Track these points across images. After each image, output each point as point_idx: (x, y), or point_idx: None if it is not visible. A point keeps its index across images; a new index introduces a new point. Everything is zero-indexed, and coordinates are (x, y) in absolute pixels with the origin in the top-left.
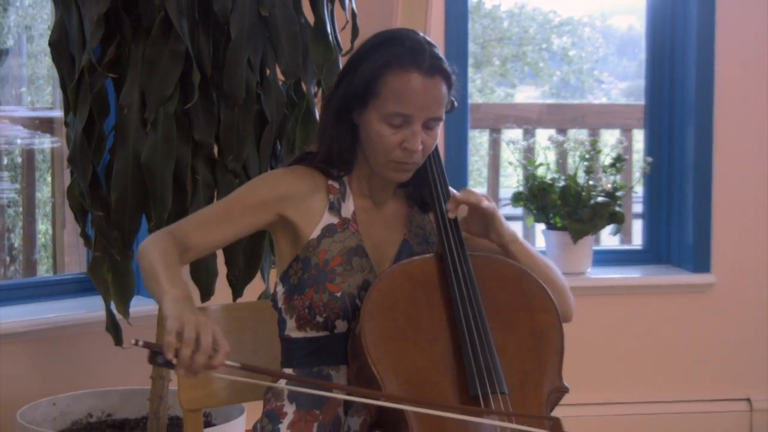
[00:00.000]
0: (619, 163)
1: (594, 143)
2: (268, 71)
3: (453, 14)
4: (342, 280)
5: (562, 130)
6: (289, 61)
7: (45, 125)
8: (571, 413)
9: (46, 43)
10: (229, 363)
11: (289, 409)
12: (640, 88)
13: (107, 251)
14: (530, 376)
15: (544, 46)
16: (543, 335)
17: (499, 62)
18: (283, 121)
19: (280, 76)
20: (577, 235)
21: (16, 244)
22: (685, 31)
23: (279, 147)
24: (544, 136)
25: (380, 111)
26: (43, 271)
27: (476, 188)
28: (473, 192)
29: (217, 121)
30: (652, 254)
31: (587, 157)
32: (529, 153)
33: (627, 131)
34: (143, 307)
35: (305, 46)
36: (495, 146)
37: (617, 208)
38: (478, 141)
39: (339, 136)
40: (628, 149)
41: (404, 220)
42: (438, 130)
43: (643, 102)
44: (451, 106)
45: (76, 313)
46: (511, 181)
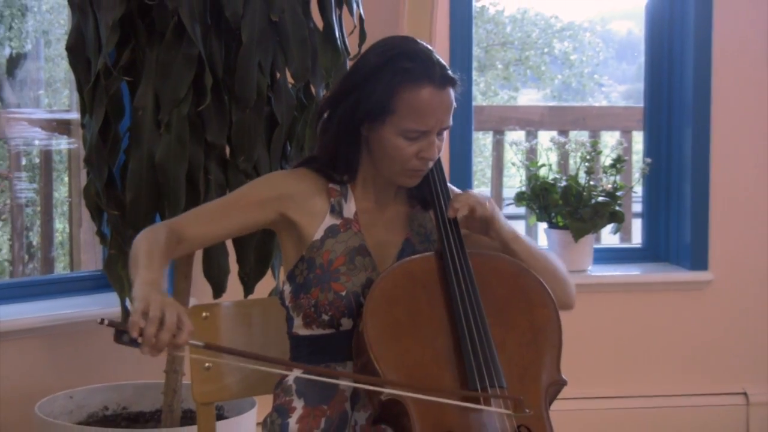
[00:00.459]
0: (619, 163)
1: (594, 144)
2: (279, 74)
3: (457, 19)
4: (346, 279)
5: (563, 132)
6: (299, 65)
7: (62, 127)
8: (571, 407)
9: (63, 47)
10: (193, 342)
11: (298, 404)
12: (639, 91)
13: (122, 249)
14: (529, 369)
15: (546, 50)
16: (541, 330)
17: (502, 66)
18: (292, 122)
19: (290, 80)
20: (578, 234)
21: (34, 242)
22: (682, 35)
23: (289, 148)
24: (546, 138)
25: (397, 126)
26: (60, 269)
27: (480, 188)
28: (471, 196)
29: (229, 123)
30: (651, 252)
31: (588, 158)
32: (532, 154)
33: (626, 133)
34: None
35: (314, 50)
36: (498, 147)
37: (617, 208)
38: (482, 142)
39: (346, 147)
40: (628, 150)
41: (406, 220)
42: (445, 135)
43: (642, 104)
44: None
45: (92, 309)
46: (514, 182)
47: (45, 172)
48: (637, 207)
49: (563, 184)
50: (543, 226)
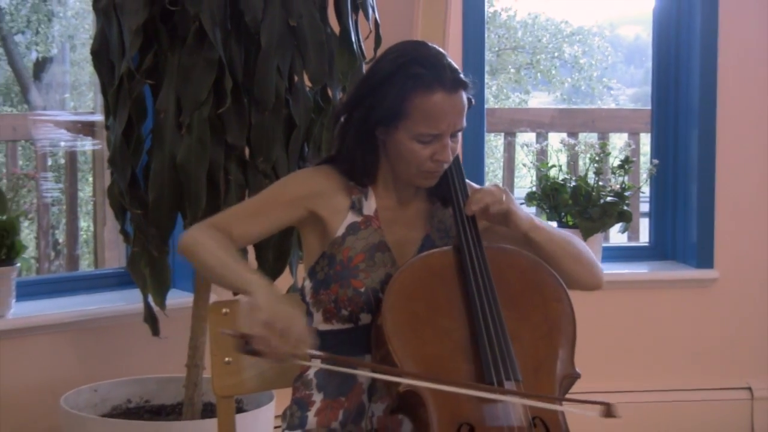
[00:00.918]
0: (627, 164)
1: (603, 146)
2: (296, 78)
3: (470, 24)
4: (365, 276)
5: (573, 134)
6: (316, 69)
7: (87, 129)
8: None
9: (88, 51)
10: (313, 353)
11: (317, 398)
12: (646, 94)
13: (145, 247)
14: (543, 362)
15: (556, 54)
16: (555, 323)
17: (513, 70)
18: (310, 124)
19: (308, 83)
20: (588, 233)
21: (60, 240)
22: (689, 40)
23: (306, 149)
24: (556, 140)
25: (410, 131)
26: (85, 266)
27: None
28: (486, 194)
29: (248, 125)
30: (658, 251)
31: (597, 159)
32: (542, 155)
33: (634, 135)
34: (179, 299)
35: (331, 54)
36: (510, 149)
37: (625, 207)
38: (494, 144)
39: (363, 152)
40: (636, 152)
41: (426, 217)
42: (460, 136)
43: (649, 107)
44: (469, 104)
45: (115, 306)
46: (525, 182)
47: (70, 172)
48: (645, 207)
49: (573, 184)
50: (553, 224)
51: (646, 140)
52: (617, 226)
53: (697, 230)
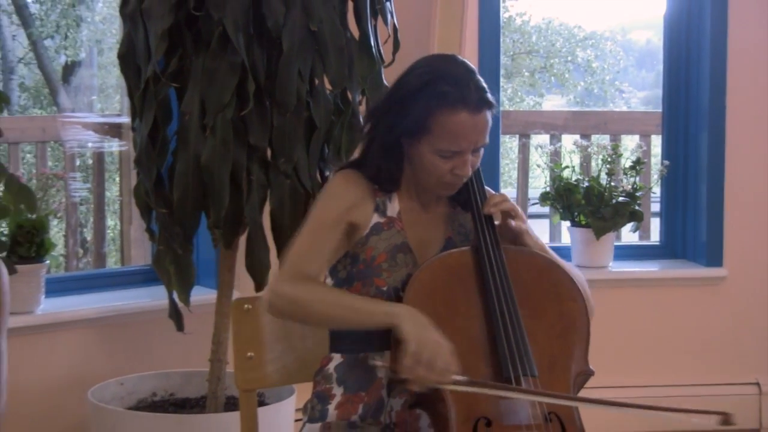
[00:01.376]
0: (639, 165)
1: (615, 148)
2: (317, 81)
3: (486, 29)
4: (388, 275)
5: (585, 136)
6: (336, 72)
7: (114, 130)
8: (593, 395)
9: (115, 55)
10: (458, 378)
11: (338, 392)
12: (657, 97)
13: (170, 245)
14: (558, 359)
15: (570, 58)
16: (570, 321)
17: (528, 73)
18: (330, 126)
19: (328, 86)
20: (600, 232)
21: (88, 239)
22: (699, 44)
23: (327, 150)
24: (569, 141)
25: (432, 146)
26: (112, 263)
27: (507, 189)
28: (507, 200)
29: (270, 127)
30: (669, 249)
31: (609, 160)
32: (556, 156)
33: (646, 137)
34: (203, 296)
35: (351, 58)
36: (524, 150)
37: (637, 207)
38: (509, 146)
39: (388, 161)
40: (647, 153)
41: (448, 220)
42: (482, 151)
43: (660, 110)
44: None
45: (141, 302)
46: (539, 182)
47: (98, 172)
48: (656, 206)
49: (585, 184)
50: (566, 224)
51: (657, 142)
52: (629, 226)
53: (707, 229)
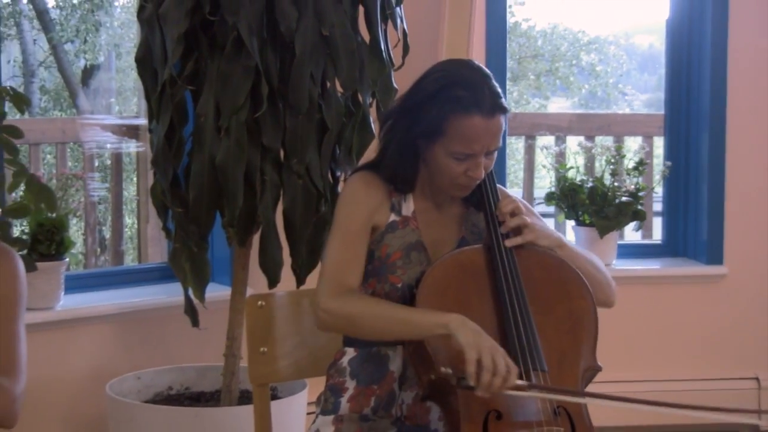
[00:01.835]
0: (641, 166)
1: (619, 149)
2: (329, 84)
3: (493, 34)
4: (402, 272)
5: (590, 137)
6: (347, 75)
7: (131, 131)
8: (597, 390)
9: (133, 59)
10: (520, 382)
11: (350, 385)
12: (659, 99)
13: (186, 243)
14: (567, 355)
15: (574, 62)
16: (579, 319)
17: (533, 76)
18: (341, 128)
19: (339, 89)
20: (603, 231)
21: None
22: (700, 48)
23: (338, 151)
24: (574, 143)
25: (446, 148)
26: (129, 261)
27: (513, 189)
28: (521, 218)
29: (283, 128)
30: (671, 248)
31: (612, 161)
32: (561, 157)
33: (648, 138)
34: (217, 292)
35: (361, 62)
36: (530, 151)
37: (639, 207)
38: (515, 147)
39: (404, 163)
40: (649, 154)
41: (461, 220)
42: (496, 154)
43: (662, 112)
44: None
45: (158, 298)
46: (545, 183)
47: (116, 172)
48: (658, 206)
49: (590, 185)
50: (571, 223)
51: (659, 143)
52: (632, 225)
53: (708, 228)
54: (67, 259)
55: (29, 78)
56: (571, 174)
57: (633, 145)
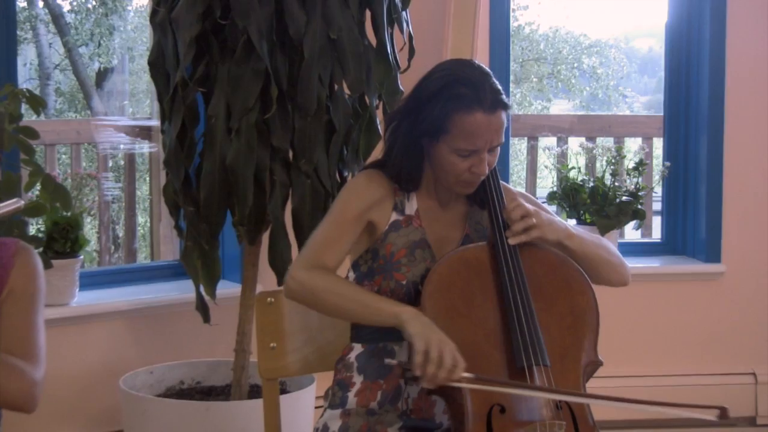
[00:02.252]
0: (641, 167)
1: (619, 150)
2: (336, 86)
3: (496, 37)
4: (407, 270)
5: (591, 138)
6: (355, 78)
7: (144, 133)
8: (599, 384)
9: (146, 62)
10: (466, 375)
11: (357, 380)
12: (659, 101)
13: (197, 241)
14: (569, 350)
15: (576, 65)
16: (581, 315)
17: (536, 79)
18: (348, 129)
19: (347, 91)
20: (604, 230)
21: (120, 235)
22: (699, 52)
23: (345, 152)
24: (575, 144)
25: (450, 145)
26: (142, 258)
27: (516, 189)
28: (528, 221)
29: (292, 129)
30: (670, 246)
31: (613, 161)
32: (563, 158)
33: (648, 139)
34: (228, 289)
35: (368, 65)
36: (533, 152)
37: (639, 206)
38: (518, 148)
39: (409, 160)
40: (649, 155)
41: (465, 218)
42: (499, 150)
43: (661, 114)
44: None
45: (170, 295)
46: (547, 182)
47: (129, 172)
48: (657, 206)
49: (591, 185)
50: (572, 222)
51: (658, 144)
52: (632, 224)
53: (706, 227)
54: (82, 257)
55: (45, 80)
56: (572, 174)
57: (633, 146)
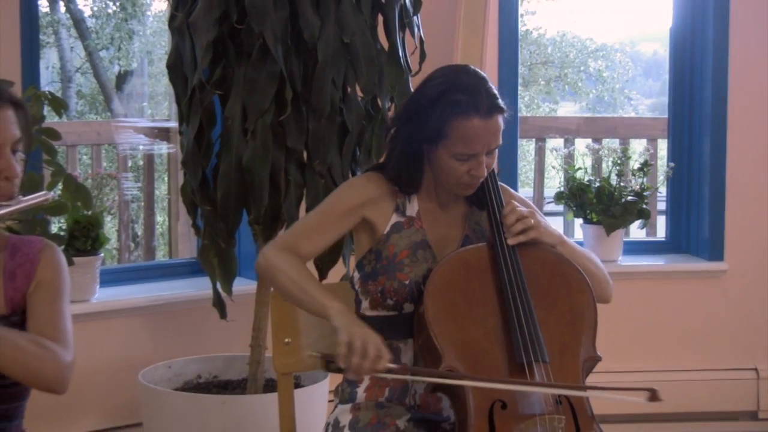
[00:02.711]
0: (646, 167)
1: (624, 151)
2: (349, 89)
3: (505, 41)
4: (409, 270)
5: (597, 140)
6: (367, 81)
7: (162, 134)
8: (602, 379)
9: (164, 65)
10: (392, 366)
11: (365, 376)
12: (663, 104)
13: (214, 239)
14: (568, 346)
15: (582, 68)
16: (579, 312)
17: (543, 82)
18: (361, 131)
19: (360, 93)
20: (610, 229)
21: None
22: (702, 55)
23: (358, 153)
24: (582, 145)
25: (449, 150)
26: (161, 256)
27: (524, 189)
28: (528, 224)
29: (306, 131)
30: (674, 245)
31: (619, 162)
32: (569, 159)
33: (653, 141)
34: (244, 286)
35: (381, 68)
36: (540, 153)
37: (644, 206)
38: (526, 149)
39: (409, 165)
40: (654, 156)
41: (465, 219)
42: (497, 151)
43: (666, 116)
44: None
45: (187, 291)
46: (554, 183)
47: (148, 172)
48: (662, 205)
49: (597, 185)
50: (579, 221)
51: (663, 146)
52: (637, 223)
53: (709, 227)
54: (102, 255)
55: (66, 83)
56: (579, 174)
57: (638, 147)
